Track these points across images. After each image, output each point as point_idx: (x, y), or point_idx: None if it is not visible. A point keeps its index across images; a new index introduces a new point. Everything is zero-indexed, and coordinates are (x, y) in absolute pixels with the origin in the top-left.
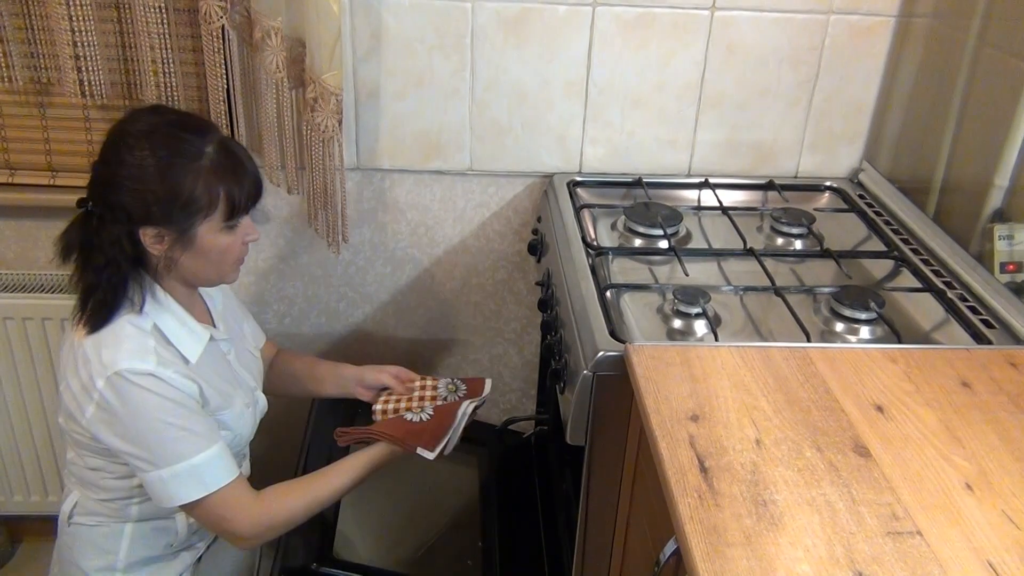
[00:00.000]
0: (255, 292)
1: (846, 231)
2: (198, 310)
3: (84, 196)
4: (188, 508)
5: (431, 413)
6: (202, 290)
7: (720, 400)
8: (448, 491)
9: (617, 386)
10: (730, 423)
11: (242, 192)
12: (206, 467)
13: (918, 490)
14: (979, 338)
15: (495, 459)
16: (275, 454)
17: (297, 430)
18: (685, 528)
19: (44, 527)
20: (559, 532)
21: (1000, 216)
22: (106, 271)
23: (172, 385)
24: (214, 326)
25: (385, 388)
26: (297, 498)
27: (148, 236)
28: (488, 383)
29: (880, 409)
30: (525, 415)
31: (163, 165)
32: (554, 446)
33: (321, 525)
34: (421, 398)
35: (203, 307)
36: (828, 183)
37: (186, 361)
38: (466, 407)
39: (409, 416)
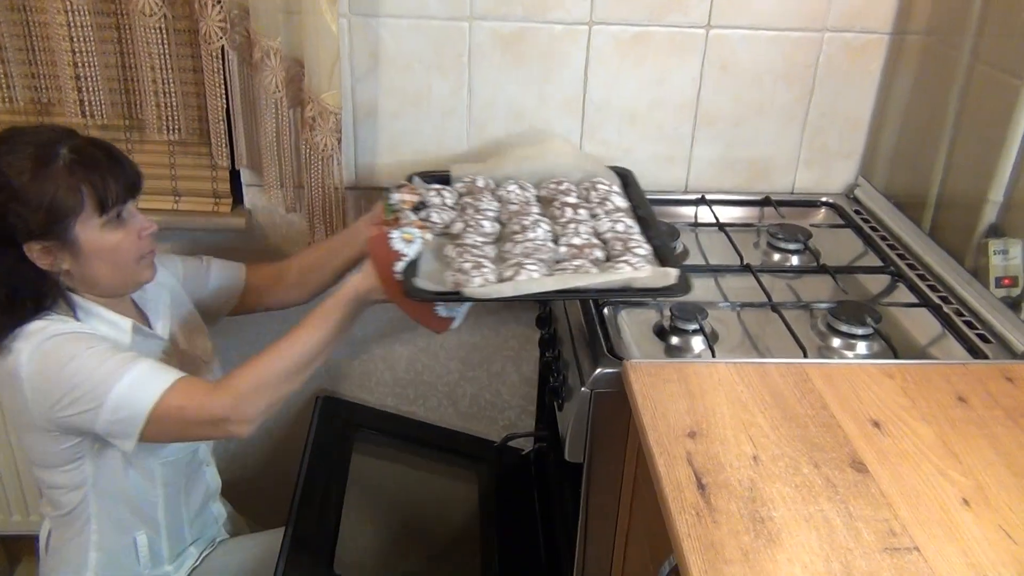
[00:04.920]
0: None
1: (842, 247)
2: (127, 313)
3: None
4: (154, 426)
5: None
6: (148, 299)
7: (717, 417)
8: (447, 507)
9: (615, 403)
10: (727, 440)
11: (107, 183)
12: (146, 375)
13: (915, 506)
14: (975, 353)
15: (494, 475)
16: (278, 458)
17: (299, 435)
18: (683, 545)
19: None
20: (558, 549)
21: (995, 231)
22: (11, 301)
23: (92, 333)
24: (148, 327)
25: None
26: (260, 363)
27: (35, 252)
28: None
29: (877, 424)
30: (524, 432)
31: (23, 180)
32: (553, 463)
33: (322, 539)
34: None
35: (136, 313)
36: (824, 199)
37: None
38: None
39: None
